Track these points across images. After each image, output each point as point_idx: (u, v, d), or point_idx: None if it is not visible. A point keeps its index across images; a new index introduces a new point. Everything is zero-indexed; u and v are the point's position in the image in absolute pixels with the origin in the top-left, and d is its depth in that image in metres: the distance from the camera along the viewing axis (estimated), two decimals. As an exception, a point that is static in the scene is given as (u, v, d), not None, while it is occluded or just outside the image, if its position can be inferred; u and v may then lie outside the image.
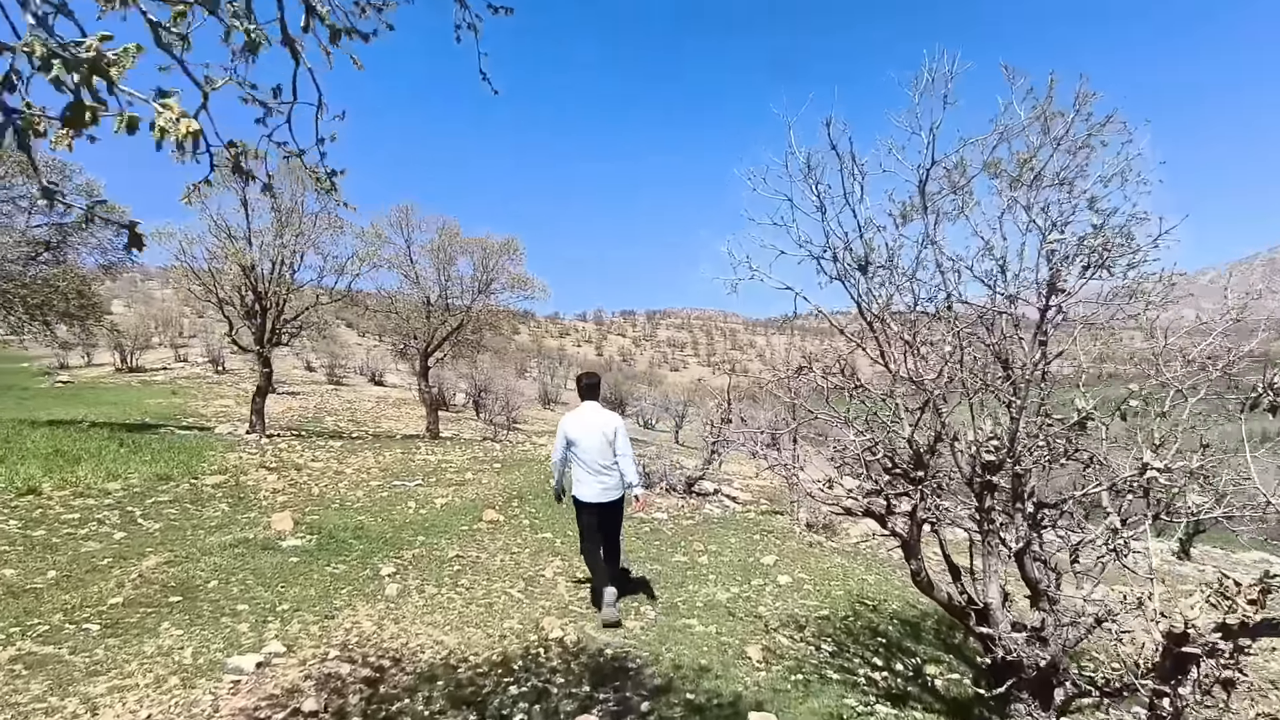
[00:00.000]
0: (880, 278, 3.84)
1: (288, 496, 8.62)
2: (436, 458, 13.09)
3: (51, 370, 37.50)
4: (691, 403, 46.22)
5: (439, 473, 11.06)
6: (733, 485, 12.67)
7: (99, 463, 9.46)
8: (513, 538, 7.35)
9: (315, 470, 10.53)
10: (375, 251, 16.84)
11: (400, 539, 6.93)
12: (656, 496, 9.90)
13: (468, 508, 8.51)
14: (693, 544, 7.69)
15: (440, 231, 17.96)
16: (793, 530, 8.92)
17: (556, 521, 8.13)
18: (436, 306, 18.14)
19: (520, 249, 18.26)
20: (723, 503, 10.36)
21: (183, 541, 6.24)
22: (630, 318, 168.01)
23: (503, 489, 9.88)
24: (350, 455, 12.52)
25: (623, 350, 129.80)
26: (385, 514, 8.03)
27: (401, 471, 11.05)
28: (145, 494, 8.00)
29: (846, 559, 8.03)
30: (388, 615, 4.96)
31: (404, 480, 10.15)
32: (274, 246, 15.50)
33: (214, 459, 10.65)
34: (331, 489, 9.27)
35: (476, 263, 18.04)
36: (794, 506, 9.46)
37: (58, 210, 15.55)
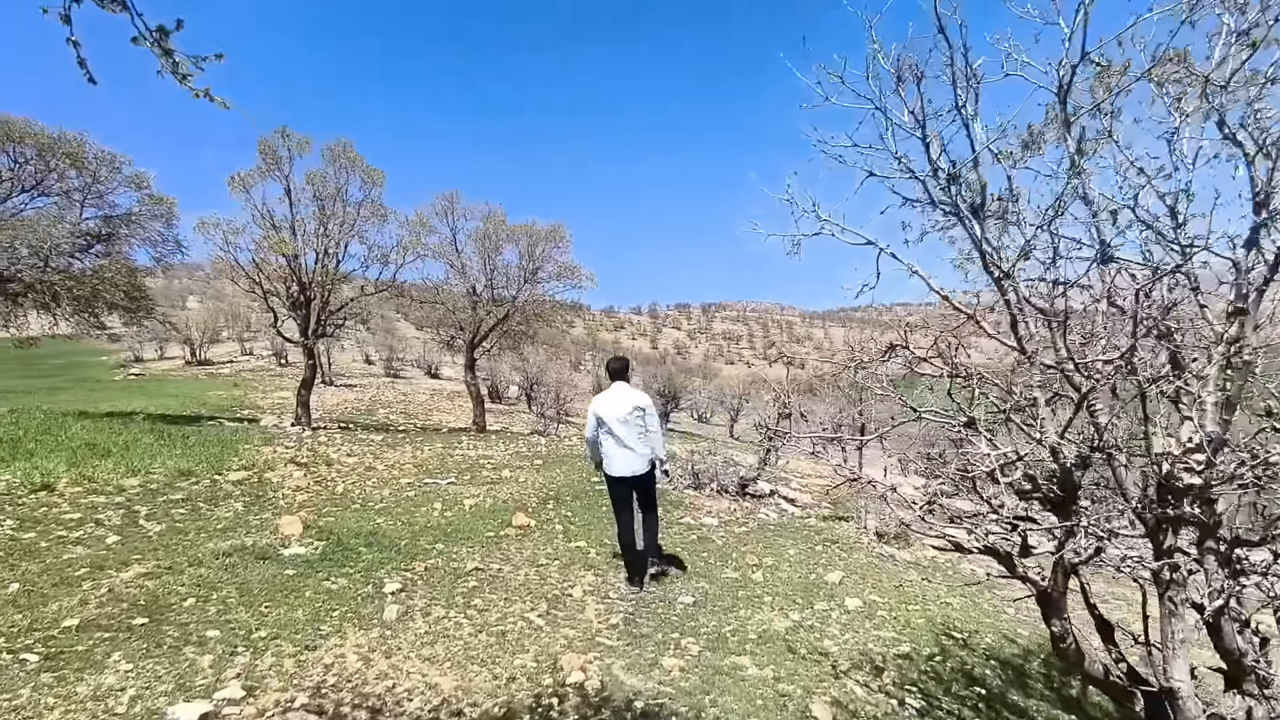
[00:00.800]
0: (1000, 224, 2.79)
1: (308, 495, 7.98)
2: (476, 453, 12.40)
3: (126, 363, 38.72)
4: (747, 396, 45.00)
5: (475, 470, 10.33)
6: (790, 485, 11.61)
7: (126, 456, 9.03)
8: (542, 546, 6.50)
9: (346, 466, 9.92)
10: (419, 240, 16.30)
11: (416, 547, 6.15)
12: (706, 499, 8.94)
13: (498, 510, 7.71)
14: (746, 556, 6.70)
15: (486, 219, 17.32)
16: (860, 540, 7.84)
17: (593, 527, 7.26)
18: (482, 297, 17.52)
19: (567, 236, 17.49)
20: (780, 506, 9.33)
21: (176, 548, 5.59)
22: (685, 311, 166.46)
23: (539, 489, 9.07)
24: (388, 450, 11.93)
25: (678, 343, 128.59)
26: (407, 516, 7.29)
27: (436, 468, 10.37)
28: (160, 491, 7.45)
29: (924, 575, 6.92)
30: (380, 646, 4.15)
31: (436, 478, 9.44)
32: (317, 236, 15.07)
33: (246, 453, 10.16)
34: (357, 487, 8.61)
35: (522, 251, 17.35)
36: (862, 513, 8.38)
37: (108, 202, 15.52)
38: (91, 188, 14.74)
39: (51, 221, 13.40)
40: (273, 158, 14.85)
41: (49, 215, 13.73)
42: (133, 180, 15.29)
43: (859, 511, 8.57)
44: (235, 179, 14.74)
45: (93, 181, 14.69)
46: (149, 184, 15.45)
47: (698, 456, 13.74)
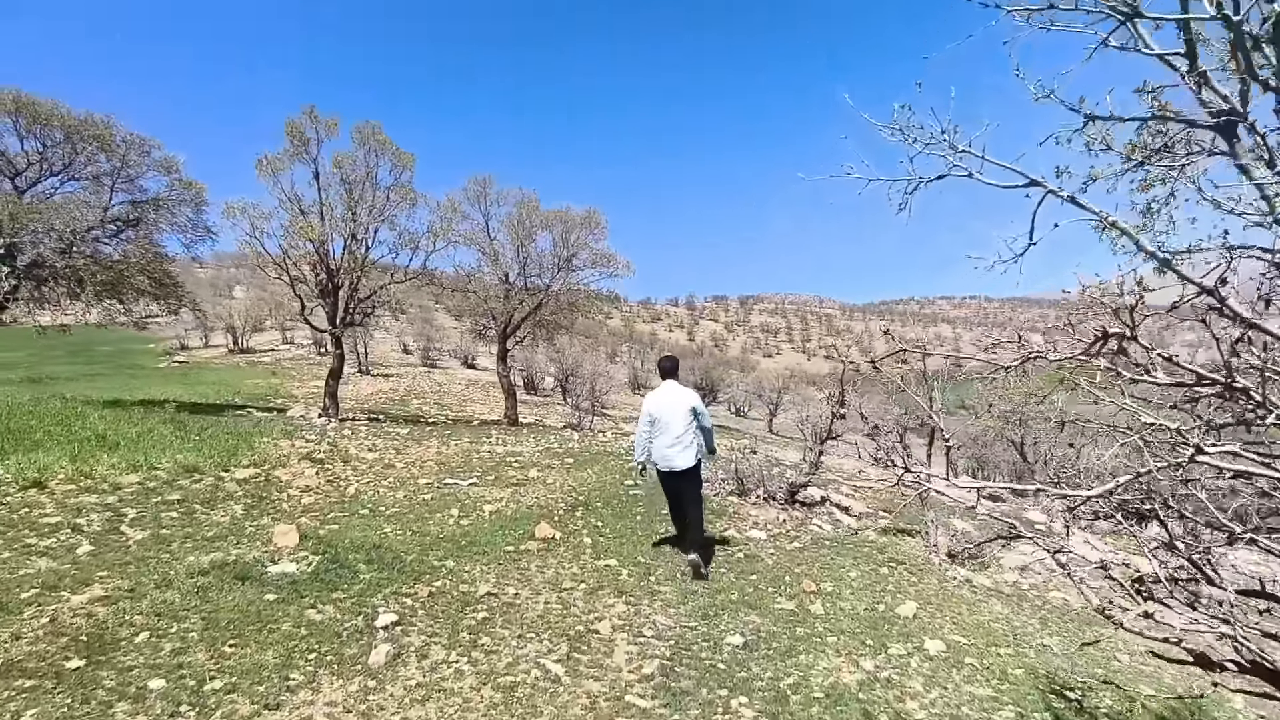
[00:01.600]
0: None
1: (316, 497, 7.25)
2: (505, 449, 11.63)
3: (171, 351, 39.12)
4: (786, 390, 43.77)
5: (500, 468, 9.54)
6: (841, 490, 10.57)
7: (134, 450, 8.44)
8: (567, 565, 5.64)
9: (363, 464, 9.21)
10: (450, 226, 15.58)
11: (423, 564, 5.34)
12: (751, 507, 7.99)
13: (520, 518, 6.87)
14: (801, 580, 5.75)
15: (519, 204, 16.54)
16: (929, 560, 6.81)
17: (625, 540, 6.38)
18: (515, 285, 16.76)
19: (602, 222, 16.61)
20: (833, 516, 8.35)
21: (150, 564, 4.86)
22: (722, 303, 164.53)
23: (568, 492, 8.22)
24: (412, 445, 11.22)
25: (715, 336, 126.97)
26: (419, 524, 6.49)
27: (460, 466, 9.60)
28: (157, 491, 6.79)
29: (1010, 608, 5.89)
30: (356, 705, 3.32)
31: (457, 478, 8.67)
32: (345, 221, 14.45)
33: (261, 447, 9.52)
34: (370, 488, 7.87)
35: (556, 238, 16.53)
36: (929, 526, 7.33)
37: (138, 187, 15.10)
38: (121, 172, 14.33)
39: (78, 206, 12.98)
40: (300, 140, 14.25)
41: (76, 200, 13.32)
42: (163, 164, 14.85)
43: (925, 525, 7.53)
44: (263, 162, 14.18)
45: (121, 165, 14.27)
46: (179, 168, 15.00)
47: (739, 456, 12.78)
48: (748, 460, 8.81)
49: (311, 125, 14.34)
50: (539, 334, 17.89)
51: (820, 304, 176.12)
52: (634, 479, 8.93)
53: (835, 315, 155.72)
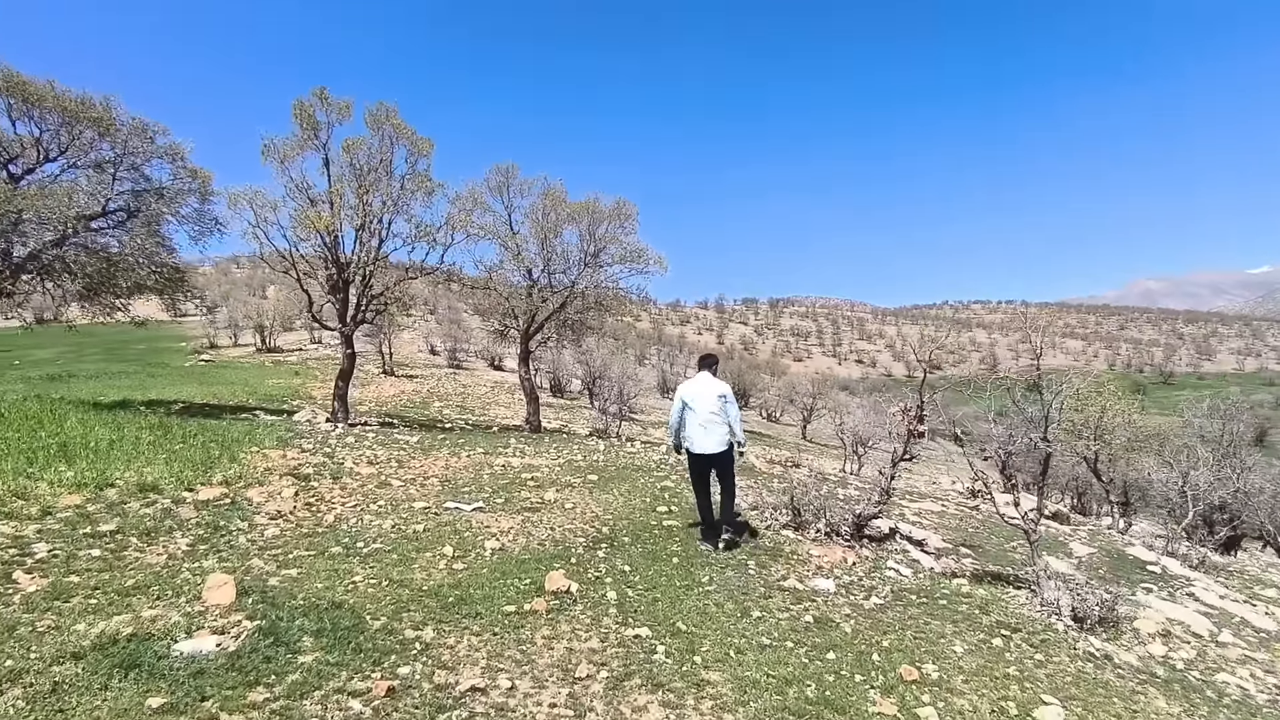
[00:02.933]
0: None
1: (284, 527, 5.93)
2: (522, 461, 10.27)
3: (200, 350, 38.68)
4: (820, 395, 41.99)
5: (513, 488, 8.15)
6: (907, 517, 9.01)
7: (96, 461, 7.25)
8: (584, 635, 4.21)
9: (355, 481, 7.89)
10: (469, 218, 14.30)
11: (391, 635, 3.96)
12: (811, 544, 6.51)
13: (528, 562, 5.45)
14: (894, 660, 4.26)
15: (544, 195, 15.20)
16: (1049, 624, 5.26)
17: (660, 595, 4.94)
18: (539, 282, 15.43)
19: (633, 213, 15.18)
20: (908, 554, 6.82)
21: (17, 636, 3.55)
22: (752, 305, 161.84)
23: (590, 521, 6.80)
24: (419, 456, 9.91)
25: (744, 339, 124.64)
26: (401, 569, 5.12)
27: (467, 484, 8.24)
28: (95, 517, 5.53)
29: (1178, 702, 4.32)
30: None
31: (461, 500, 7.29)
32: (357, 211, 13.24)
33: (245, 459, 8.28)
34: (354, 514, 6.53)
35: (583, 231, 15.15)
36: (1042, 578, 5.74)
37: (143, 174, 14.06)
38: (123, 159, 13.29)
39: (69, 193, 11.92)
40: (310, 124, 13.06)
41: (68, 187, 12.27)
42: (168, 151, 13.78)
43: (1034, 574, 5.94)
44: (269, 146, 13.02)
45: (124, 152, 13.24)
46: (185, 156, 13.94)
47: (784, 474, 11.25)
48: (803, 485, 7.29)
49: (322, 108, 13.16)
50: (564, 335, 16.51)
51: (852, 308, 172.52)
52: (665, 505, 7.52)
53: (867, 319, 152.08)
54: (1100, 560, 7.99)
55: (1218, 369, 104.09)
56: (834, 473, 19.62)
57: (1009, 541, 8.66)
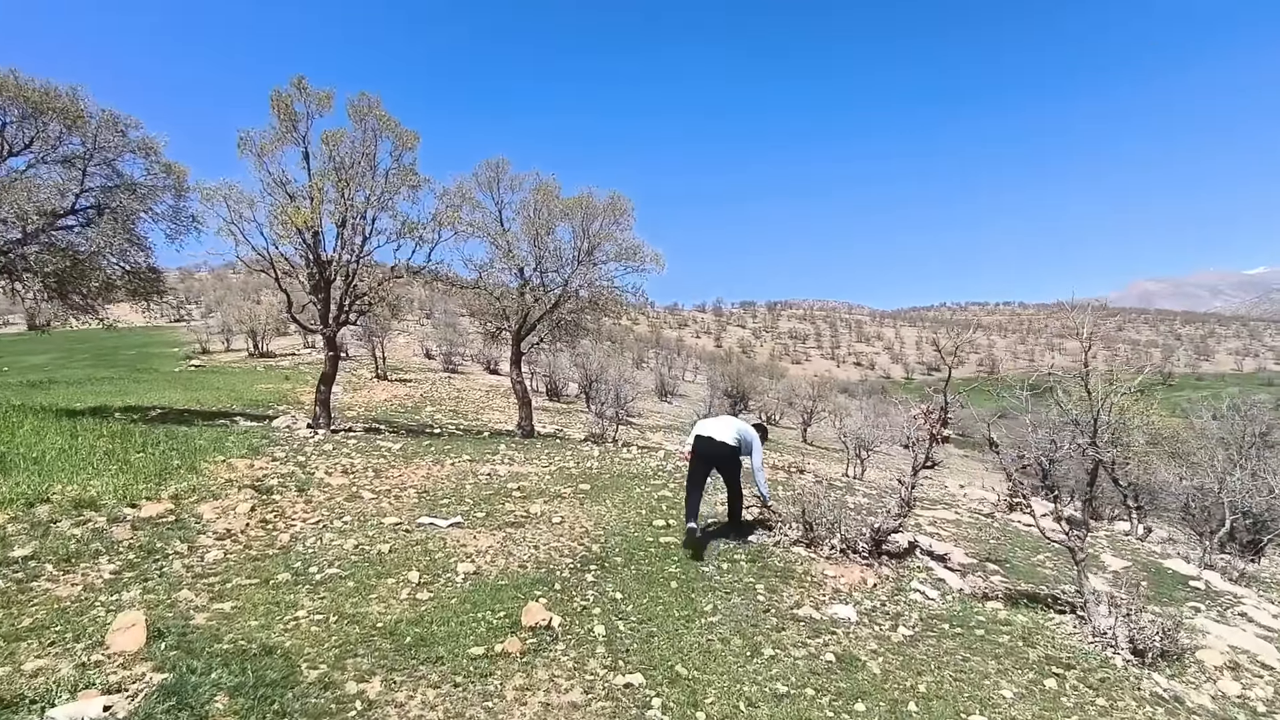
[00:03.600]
0: None
1: (230, 548, 5.20)
2: (510, 469, 9.55)
3: (192, 355, 37.95)
4: (820, 397, 41.29)
5: (497, 499, 7.43)
6: (922, 528, 8.29)
7: (35, 474, 6.54)
8: (564, 685, 3.49)
9: (324, 494, 7.17)
10: (456, 214, 13.59)
11: (328, 689, 3.24)
12: (826, 562, 5.79)
13: (506, 588, 4.72)
14: (935, 710, 3.54)
15: (536, 191, 14.49)
16: (1101, 656, 4.54)
17: (656, 629, 4.22)
18: (531, 281, 14.71)
19: (629, 208, 14.46)
20: (931, 572, 6.11)
21: None
22: (750, 308, 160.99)
23: (579, 538, 6.09)
24: (399, 464, 9.20)
25: (742, 342, 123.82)
26: (355, 599, 4.39)
27: (447, 494, 7.52)
28: (13, 538, 4.79)
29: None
30: None
31: (437, 515, 6.57)
32: (338, 206, 12.53)
33: (207, 469, 7.56)
34: (315, 532, 5.80)
35: (576, 227, 14.44)
36: (1091, 603, 5.01)
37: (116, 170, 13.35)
38: (94, 153, 12.58)
39: (27, 188, 11.20)
40: (287, 115, 12.36)
41: (26, 181, 11.55)
42: (141, 146, 13.07)
43: (1078, 597, 5.23)
44: (245, 139, 12.30)
45: (94, 146, 12.53)
46: (159, 150, 13.22)
47: (790, 480, 10.58)
48: (814, 495, 6.57)
49: (301, 98, 12.45)
50: (558, 336, 15.78)
51: (850, 310, 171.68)
52: (663, 519, 6.81)
53: (865, 321, 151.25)
54: (1137, 574, 7.28)
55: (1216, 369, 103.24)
56: (838, 478, 18.90)
57: (1035, 554, 7.94)
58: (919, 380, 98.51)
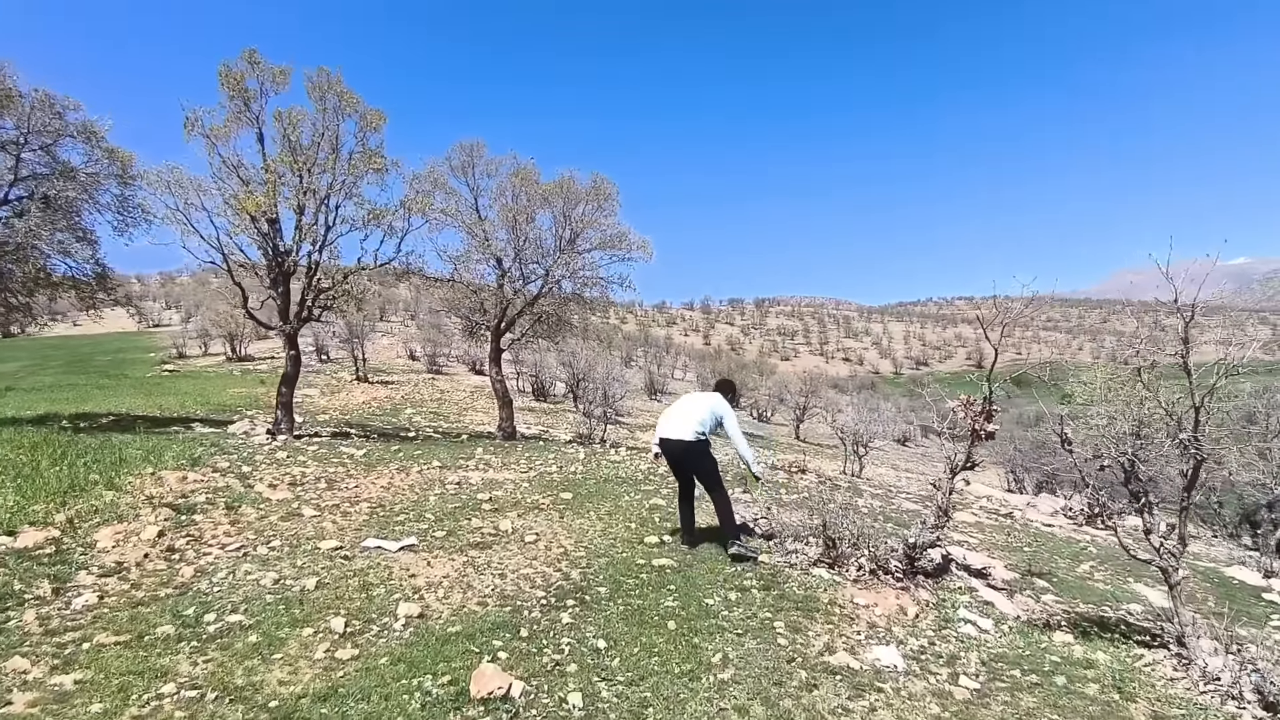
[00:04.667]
0: None
1: (107, 592, 4.07)
2: (484, 475, 8.46)
3: (168, 360, 36.53)
4: (812, 393, 40.37)
5: (464, 514, 6.34)
6: (951, 539, 7.27)
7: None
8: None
9: (260, 510, 6.05)
10: (427, 200, 12.47)
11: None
12: (854, 587, 4.75)
13: (457, 638, 3.62)
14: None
15: (513, 175, 13.40)
16: (1223, 712, 3.52)
17: (650, 689, 3.17)
18: (510, 273, 13.62)
19: (613, 193, 13.39)
20: (976, 594, 5.08)
21: None
22: (738, 306, 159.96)
23: (555, 561, 5.01)
24: (359, 473, 8.09)
25: (731, 339, 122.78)
26: (251, 665, 3.27)
27: (407, 508, 6.42)
28: None
29: None
30: None
31: (388, 536, 5.46)
32: (297, 192, 11.39)
33: (130, 484, 6.44)
34: (230, 563, 4.68)
35: (557, 214, 13.35)
36: (1187, 636, 3.97)
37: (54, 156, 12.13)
38: (28, 137, 11.37)
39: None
40: (238, 91, 11.19)
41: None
42: (82, 130, 11.86)
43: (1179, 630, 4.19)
44: (194, 119, 11.12)
45: (28, 129, 11.33)
46: (102, 135, 12.00)
47: (791, 481, 9.56)
48: (829, 501, 5.51)
49: (253, 73, 11.29)
50: (540, 332, 14.66)
51: (837, 306, 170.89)
52: (656, 536, 5.74)
53: (853, 317, 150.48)
54: (1198, 585, 6.29)
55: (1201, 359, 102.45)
56: (838, 476, 17.93)
57: (1077, 563, 6.95)
58: (908, 375, 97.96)
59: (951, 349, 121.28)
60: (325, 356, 36.03)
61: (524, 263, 13.59)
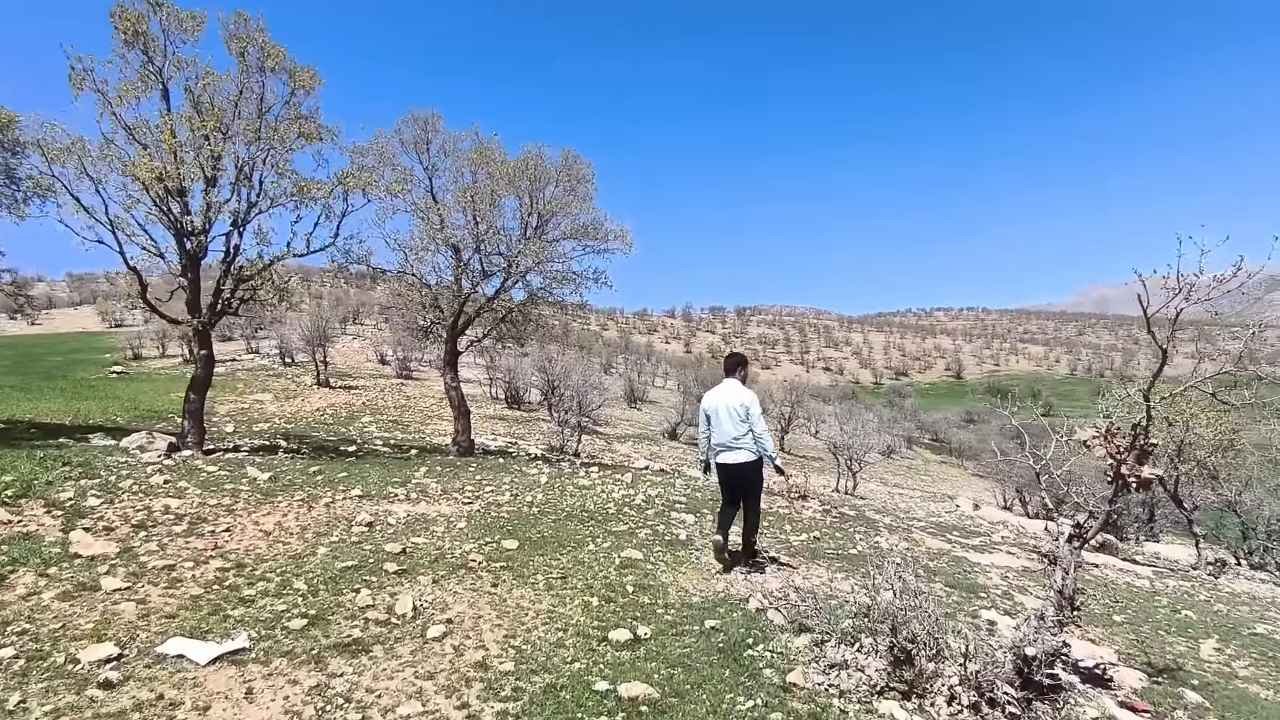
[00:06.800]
0: None
1: None
2: (411, 510, 6.46)
3: (121, 361, 33.99)
4: (796, 403, 38.63)
5: (352, 582, 4.32)
6: (1061, 623, 5.38)
7: None
8: None
9: (42, 579, 4.03)
10: (369, 177, 10.45)
11: None
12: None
13: None
14: None
15: (474, 152, 11.42)
16: None
17: None
18: (469, 265, 11.63)
19: (588, 175, 11.47)
20: (1115, 725, 3.24)
21: None
22: (719, 314, 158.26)
23: (458, 691, 3.01)
24: (245, 509, 6.04)
25: (712, 347, 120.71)
26: None
27: (272, 573, 4.41)
28: None
29: None
30: None
31: (211, 629, 3.47)
32: (206, 158, 9.35)
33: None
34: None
35: (523, 196, 11.39)
36: None
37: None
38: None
39: None
40: (136, 36, 9.12)
41: None
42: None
43: None
44: (81, 69, 9.02)
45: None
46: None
47: (793, 509, 7.67)
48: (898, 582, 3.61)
49: (156, 16, 9.23)
50: (504, 333, 12.62)
51: (818, 315, 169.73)
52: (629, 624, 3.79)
53: (833, 327, 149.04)
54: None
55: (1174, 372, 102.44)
56: (836, 496, 16.09)
57: (1194, 640, 5.09)
58: (888, 385, 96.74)
59: (930, 359, 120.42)
60: (289, 359, 33.65)
61: (485, 253, 11.60)
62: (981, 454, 38.24)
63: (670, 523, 6.79)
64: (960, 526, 11.03)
